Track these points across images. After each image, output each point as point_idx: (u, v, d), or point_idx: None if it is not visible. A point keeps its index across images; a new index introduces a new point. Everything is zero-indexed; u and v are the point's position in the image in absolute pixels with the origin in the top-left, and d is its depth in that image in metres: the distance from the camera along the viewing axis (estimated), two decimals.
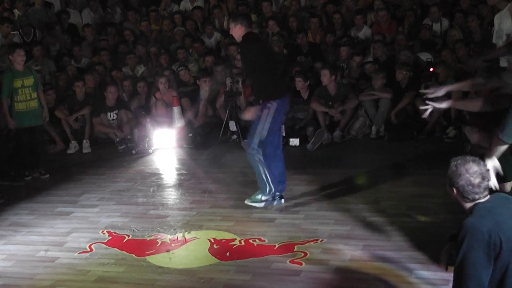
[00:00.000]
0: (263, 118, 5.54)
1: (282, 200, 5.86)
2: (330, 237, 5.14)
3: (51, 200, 6.70)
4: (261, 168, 5.66)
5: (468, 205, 3.23)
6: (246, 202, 5.85)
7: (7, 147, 7.53)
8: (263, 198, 5.74)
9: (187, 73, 9.65)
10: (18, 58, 7.24)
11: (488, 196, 3.23)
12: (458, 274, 3.10)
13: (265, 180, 5.69)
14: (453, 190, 3.25)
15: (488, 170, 3.26)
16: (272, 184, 5.69)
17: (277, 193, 5.78)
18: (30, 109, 7.37)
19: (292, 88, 8.71)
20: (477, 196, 3.19)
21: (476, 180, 3.17)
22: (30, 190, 7.06)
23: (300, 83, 8.64)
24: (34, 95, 7.39)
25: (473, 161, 3.23)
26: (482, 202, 3.20)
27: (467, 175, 3.18)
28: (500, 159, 4.00)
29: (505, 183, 4.18)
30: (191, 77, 9.64)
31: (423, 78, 8.45)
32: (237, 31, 5.76)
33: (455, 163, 3.25)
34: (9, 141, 7.73)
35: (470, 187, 3.17)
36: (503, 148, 3.86)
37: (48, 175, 7.55)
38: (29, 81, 7.34)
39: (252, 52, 5.61)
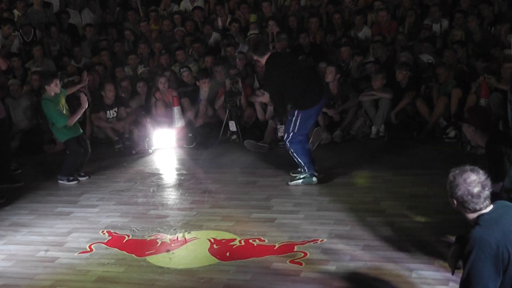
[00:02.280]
0: (291, 122, 6.43)
1: (314, 179, 6.60)
2: (330, 237, 5.14)
3: (51, 200, 6.70)
4: (294, 156, 6.54)
5: (471, 215, 3.20)
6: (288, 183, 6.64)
7: (6, 149, 7.52)
8: (301, 176, 6.61)
9: (190, 74, 9.65)
10: (55, 88, 7.12)
11: (491, 205, 3.19)
12: (465, 286, 3.08)
13: (298, 163, 6.59)
14: (453, 201, 3.22)
15: (488, 178, 3.18)
16: (304, 162, 6.54)
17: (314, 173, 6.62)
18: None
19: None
20: (477, 206, 3.15)
21: (475, 190, 3.13)
22: (30, 190, 7.06)
23: None
24: (67, 109, 7.34)
25: (472, 170, 3.17)
26: (487, 213, 3.15)
27: (465, 185, 3.14)
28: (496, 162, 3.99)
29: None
30: (192, 77, 9.64)
31: (424, 80, 8.45)
32: (260, 61, 6.62)
33: (453, 173, 3.20)
34: (9, 143, 7.74)
35: (469, 197, 3.13)
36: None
37: (87, 177, 7.46)
38: (63, 99, 7.27)
39: (273, 75, 6.42)
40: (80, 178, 7.37)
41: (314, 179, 6.55)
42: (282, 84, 6.35)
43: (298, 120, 6.38)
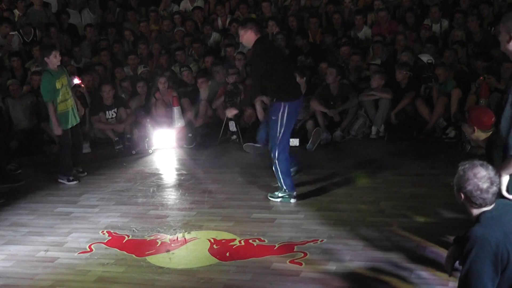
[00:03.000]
0: (278, 120, 5.88)
1: (292, 200, 6.12)
2: (330, 237, 5.14)
3: (51, 200, 6.70)
4: (276, 168, 6.04)
5: (475, 211, 3.20)
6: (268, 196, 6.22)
7: (6, 148, 7.53)
8: (280, 194, 6.12)
9: (190, 73, 9.65)
10: (54, 60, 7.04)
11: (494, 203, 3.19)
12: (464, 284, 3.08)
13: (278, 179, 6.10)
14: (461, 195, 3.20)
15: (496, 174, 3.20)
16: (285, 184, 6.06)
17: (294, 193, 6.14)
18: (69, 108, 7.18)
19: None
20: (484, 202, 3.15)
21: (485, 185, 3.13)
22: (30, 190, 7.05)
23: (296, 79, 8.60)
24: (70, 93, 7.23)
25: (481, 165, 3.18)
26: (489, 211, 3.16)
27: (475, 180, 3.13)
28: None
29: None
30: (192, 77, 9.64)
31: (423, 80, 8.45)
32: (248, 37, 5.98)
33: (462, 167, 3.19)
34: (9, 142, 7.75)
35: (478, 192, 3.13)
36: None
37: (86, 173, 7.47)
38: (65, 79, 7.16)
39: (264, 58, 5.86)
40: (79, 175, 7.38)
41: (293, 200, 6.06)
42: (269, 69, 5.85)
43: (285, 115, 5.83)
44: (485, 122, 4.61)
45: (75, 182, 7.25)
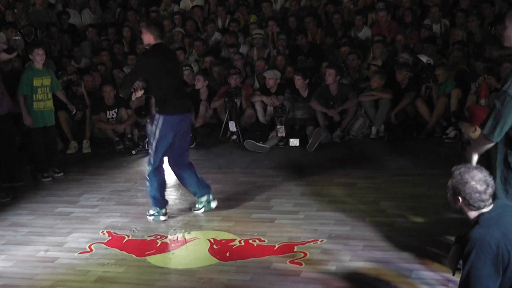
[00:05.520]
0: (153, 133, 5.73)
1: (161, 217, 5.88)
2: (330, 237, 5.14)
3: (51, 200, 6.70)
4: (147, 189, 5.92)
5: (473, 214, 3.21)
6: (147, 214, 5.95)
7: (7, 147, 7.51)
8: (151, 212, 5.90)
9: (191, 73, 9.63)
10: (37, 57, 7.32)
11: (492, 204, 3.21)
12: (465, 286, 3.09)
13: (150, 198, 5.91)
14: (458, 199, 3.22)
15: (491, 176, 3.22)
16: (155, 203, 5.88)
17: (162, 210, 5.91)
18: (47, 109, 7.46)
19: (292, 86, 8.72)
20: (482, 204, 3.17)
21: (482, 187, 3.15)
22: (30, 190, 7.06)
23: (299, 81, 8.59)
24: (50, 95, 7.50)
25: (476, 168, 3.22)
26: (488, 212, 3.17)
27: (473, 183, 3.15)
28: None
29: None
30: (193, 77, 9.62)
31: (423, 80, 8.45)
32: (145, 38, 5.84)
33: (459, 171, 3.21)
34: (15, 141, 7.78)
35: (477, 194, 3.15)
36: (488, 146, 3.80)
37: (62, 174, 7.55)
38: (47, 81, 7.43)
39: (146, 64, 5.81)
40: (55, 175, 7.49)
41: (163, 217, 5.83)
42: (153, 77, 5.72)
43: (159, 129, 5.63)
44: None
45: (49, 179, 7.40)
